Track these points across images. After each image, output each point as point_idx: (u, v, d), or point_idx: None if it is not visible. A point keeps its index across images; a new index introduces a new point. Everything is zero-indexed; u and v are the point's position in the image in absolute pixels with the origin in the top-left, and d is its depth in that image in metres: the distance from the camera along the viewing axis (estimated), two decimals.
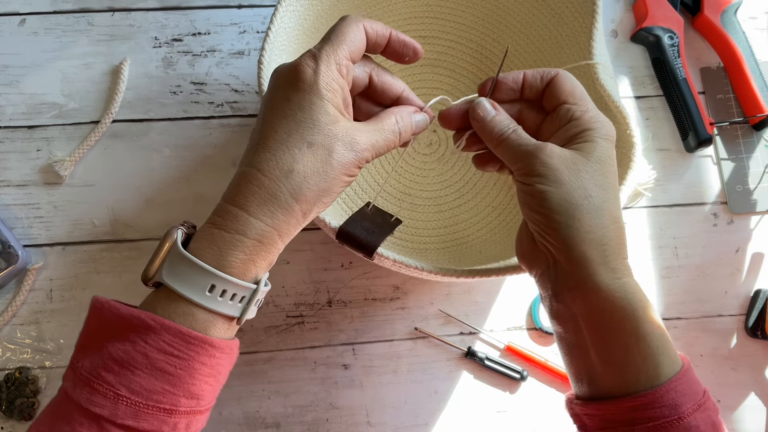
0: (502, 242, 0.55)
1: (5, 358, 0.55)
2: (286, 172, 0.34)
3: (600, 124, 0.37)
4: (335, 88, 0.36)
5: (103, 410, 0.33)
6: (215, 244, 0.35)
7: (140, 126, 0.59)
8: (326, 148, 0.35)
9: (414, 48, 0.39)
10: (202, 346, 0.34)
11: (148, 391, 0.33)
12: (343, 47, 0.36)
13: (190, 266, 0.34)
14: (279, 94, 0.36)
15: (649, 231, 0.60)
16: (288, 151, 0.35)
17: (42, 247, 0.57)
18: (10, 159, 0.58)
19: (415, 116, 0.40)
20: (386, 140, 0.38)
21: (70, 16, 0.61)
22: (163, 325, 0.33)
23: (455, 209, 0.58)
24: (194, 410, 0.35)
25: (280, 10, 0.47)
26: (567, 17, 0.51)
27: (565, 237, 0.35)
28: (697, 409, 0.34)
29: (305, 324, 0.57)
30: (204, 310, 0.35)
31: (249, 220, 0.35)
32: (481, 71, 0.60)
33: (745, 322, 0.58)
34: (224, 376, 0.38)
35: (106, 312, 0.35)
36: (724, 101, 0.63)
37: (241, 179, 0.35)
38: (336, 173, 0.35)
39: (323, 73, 0.35)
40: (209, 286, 0.34)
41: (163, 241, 0.36)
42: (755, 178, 0.61)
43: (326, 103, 0.35)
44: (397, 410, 0.56)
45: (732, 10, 0.62)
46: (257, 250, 0.35)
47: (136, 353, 0.33)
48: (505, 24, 0.57)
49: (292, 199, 0.35)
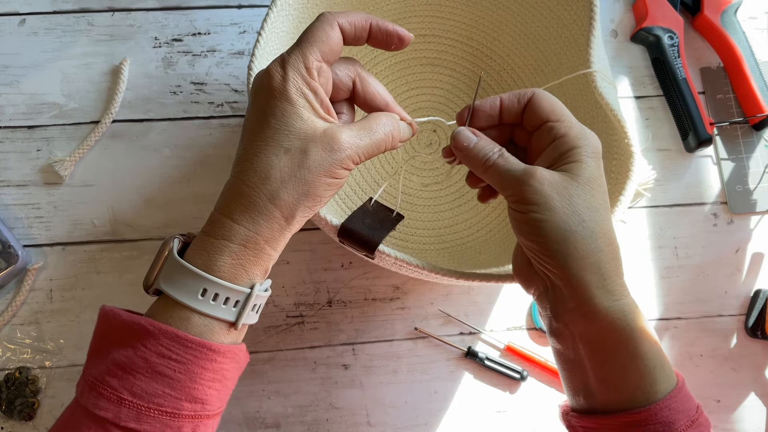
0: (501, 243, 0.55)
1: (5, 358, 0.55)
2: (263, 179, 0.35)
3: (586, 140, 0.37)
4: (306, 92, 0.35)
5: (107, 413, 0.34)
6: (205, 250, 0.36)
7: (140, 126, 0.59)
8: (302, 152, 0.35)
9: (398, 35, 0.39)
10: (200, 350, 0.35)
11: (149, 394, 0.34)
12: (312, 49, 0.36)
13: (183, 272, 0.35)
14: (255, 103, 0.36)
15: (649, 231, 0.60)
16: (266, 158, 0.35)
17: (42, 247, 0.57)
18: (10, 159, 0.58)
19: (401, 123, 0.40)
20: (374, 141, 0.38)
21: (70, 16, 0.61)
22: (161, 330, 0.34)
23: (455, 209, 0.58)
24: (199, 414, 0.36)
25: (271, 15, 0.46)
26: (566, 19, 0.51)
27: (563, 263, 0.35)
28: (690, 425, 0.35)
29: (305, 324, 0.57)
30: (199, 315, 0.36)
31: (233, 226, 0.36)
32: (482, 70, 0.60)
33: (745, 322, 0.58)
34: (231, 380, 0.38)
35: (110, 319, 0.36)
36: (724, 101, 0.63)
37: (226, 189, 0.37)
38: (314, 176, 0.36)
39: (291, 78, 0.35)
40: (201, 290, 0.35)
41: (161, 250, 0.37)
42: (755, 178, 0.61)
43: (298, 108, 0.35)
44: (397, 410, 0.56)
45: (732, 10, 0.62)
46: (244, 255, 0.36)
47: (137, 358, 0.34)
48: (504, 23, 0.57)
49: (270, 203, 0.35)
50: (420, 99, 0.60)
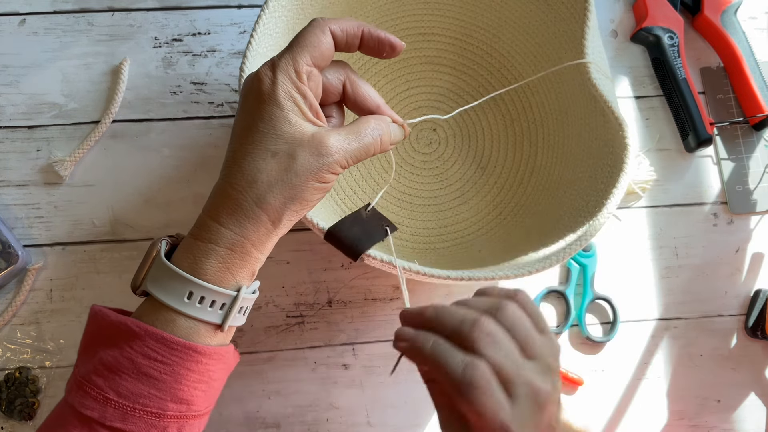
0: (501, 241, 0.55)
1: (5, 358, 0.55)
2: (251, 182, 0.35)
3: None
4: (295, 96, 0.35)
5: (93, 412, 0.34)
6: (191, 252, 0.36)
7: (140, 126, 0.60)
8: (289, 156, 0.35)
9: (390, 43, 0.39)
10: (185, 351, 0.35)
11: (135, 395, 0.35)
12: (303, 54, 0.36)
13: (169, 274, 0.36)
14: (244, 106, 0.37)
15: (649, 231, 0.60)
16: (253, 162, 0.35)
17: (42, 247, 0.57)
18: (10, 159, 0.58)
19: (392, 126, 0.40)
20: (363, 145, 0.37)
21: (70, 16, 0.61)
22: (147, 332, 0.35)
23: (455, 209, 0.58)
24: (185, 415, 0.36)
25: (263, 17, 0.45)
26: (563, 13, 0.51)
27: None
28: None
29: (305, 324, 0.57)
30: (185, 317, 0.36)
31: (219, 229, 0.36)
32: (482, 68, 0.60)
33: (745, 322, 0.58)
34: (218, 381, 0.38)
35: (98, 320, 0.37)
36: (724, 101, 0.63)
37: (214, 192, 0.37)
38: (301, 180, 0.35)
39: (281, 82, 0.35)
40: (187, 292, 0.35)
41: (149, 252, 0.38)
42: (755, 178, 0.61)
43: (287, 112, 0.35)
44: (397, 410, 0.56)
45: (732, 10, 0.62)
46: (231, 258, 0.36)
47: (123, 358, 0.35)
48: (502, 20, 0.57)
49: (257, 208, 0.35)
50: (419, 98, 0.60)
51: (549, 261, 0.42)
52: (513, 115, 0.59)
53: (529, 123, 0.58)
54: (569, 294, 0.58)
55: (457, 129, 0.60)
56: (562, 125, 0.55)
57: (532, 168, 0.57)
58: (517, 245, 0.51)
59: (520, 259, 0.46)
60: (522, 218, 0.56)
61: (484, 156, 0.59)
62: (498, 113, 0.60)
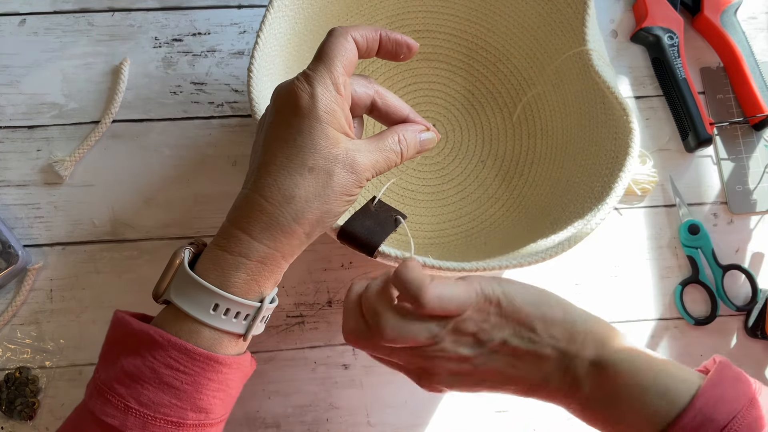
0: (505, 232, 0.55)
1: (5, 358, 0.55)
2: (288, 198, 0.35)
3: None
4: (334, 109, 0.35)
5: (114, 420, 0.34)
6: (219, 265, 0.36)
7: (140, 126, 0.60)
8: (327, 172, 0.35)
9: (407, 44, 0.39)
10: (207, 362, 0.35)
11: (156, 404, 0.35)
12: (336, 64, 0.35)
13: (195, 286, 0.36)
14: (278, 119, 0.36)
15: (649, 231, 0.60)
16: (289, 176, 0.35)
17: (42, 247, 0.57)
18: (10, 159, 0.58)
19: (422, 135, 0.40)
20: (386, 159, 0.38)
21: (70, 16, 0.61)
22: (170, 342, 0.35)
23: (458, 202, 0.59)
24: (203, 423, 0.36)
25: (269, 17, 0.46)
26: (559, 3, 0.52)
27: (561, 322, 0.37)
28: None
29: (305, 324, 0.57)
30: (209, 328, 0.36)
31: (252, 243, 0.35)
32: (478, 62, 0.60)
33: (745, 322, 0.58)
34: (236, 389, 0.39)
35: (122, 327, 0.37)
36: (724, 101, 0.63)
37: (244, 203, 0.36)
38: (336, 195, 0.36)
39: (320, 96, 0.35)
40: (213, 305, 0.35)
41: (172, 260, 0.37)
42: (755, 178, 0.61)
43: (326, 126, 0.35)
44: (397, 410, 0.56)
45: (732, 10, 0.62)
46: (260, 271, 0.36)
47: (145, 368, 0.35)
48: (498, 14, 0.57)
49: (294, 223, 0.35)
50: (417, 94, 0.61)
51: (561, 246, 0.42)
52: (510, 107, 0.59)
53: (527, 114, 0.59)
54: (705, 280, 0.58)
55: (456, 124, 0.60)
56: (560, 115, 0.56)
57: (532, 159, 0.58)
58: (523, 235, 0.51)
59: (529, 248, 0.47)
60: (526, 209, 0.56)
61: (484, 149, 0.60)
62: (495, 106, 0.60)
